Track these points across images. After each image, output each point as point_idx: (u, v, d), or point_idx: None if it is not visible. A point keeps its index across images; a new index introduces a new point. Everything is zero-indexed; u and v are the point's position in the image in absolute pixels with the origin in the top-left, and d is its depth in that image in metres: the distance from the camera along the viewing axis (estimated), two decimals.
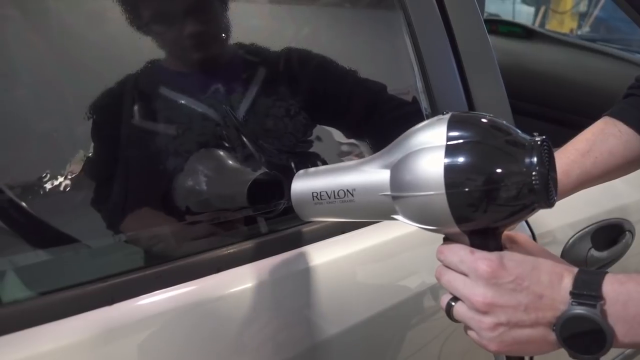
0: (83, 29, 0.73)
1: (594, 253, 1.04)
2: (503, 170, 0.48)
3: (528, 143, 0.49)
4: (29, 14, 0.69)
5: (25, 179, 0.66)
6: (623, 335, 0.48)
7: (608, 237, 1.09)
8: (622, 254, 1.10)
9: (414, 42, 0.90)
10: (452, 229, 0.51)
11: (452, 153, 0.49)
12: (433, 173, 0.49)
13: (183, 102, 0.80)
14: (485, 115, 0.52)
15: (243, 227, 0.79)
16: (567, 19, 5.41)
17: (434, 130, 0.50)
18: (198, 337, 0.65)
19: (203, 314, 0.66)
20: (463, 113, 0.53)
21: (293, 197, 0.60)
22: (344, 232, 0.79)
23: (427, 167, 0.49)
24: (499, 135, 0.50)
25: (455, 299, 0.53)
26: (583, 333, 0.48)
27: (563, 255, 1.00)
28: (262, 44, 0.86)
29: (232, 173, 0.80)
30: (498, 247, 0.53)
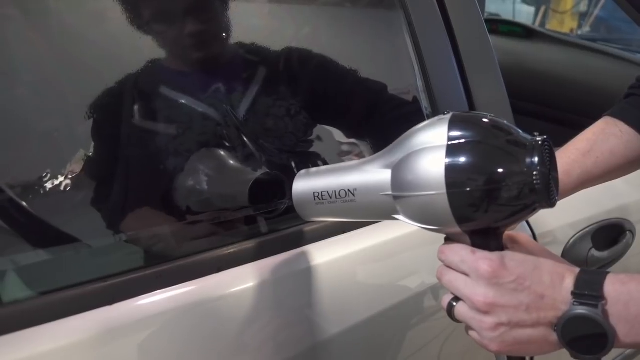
0: (83, 28, 0.73)
1: (595, 253, 1.04)
2: (504, 170, 0.48)
3: (529, 143, 0.49)
4: (30, 13, 0.69)
5: (26, 179, 0.65)
6: (625, 336, 0.48)
7: (609, 237, 1.09)
8: (622, 254, 1.10)
9: (415, 41, 0.90)
10: (453, 229, 0.51)
11: (453, 153, 0.48)
12: (434, 173, 0.49)
13: (183, 101, 0.80)
14: (487, 115, 0.52)
15: (243, 226, 0.79)
16: (567, 19, 5.41)
17: (435, 130, 0.50)
18: (199, 337, 0.65)
19: (204, 314, 0.66)
20: (464, 113, 0.52)
21: (294, 197, 0.60)
22: (345, 231, 0.79)
23: (428, 167, 0.49)
24: (500, 135, 0.50)
25: (457, 299, 0.53)
26: (584, 333, 0.48)
27: (564, 255, 1.00)
28: (262, 44, 0.86)
29: (232, 172, 0.80)
30: (499, 247, 0.53)
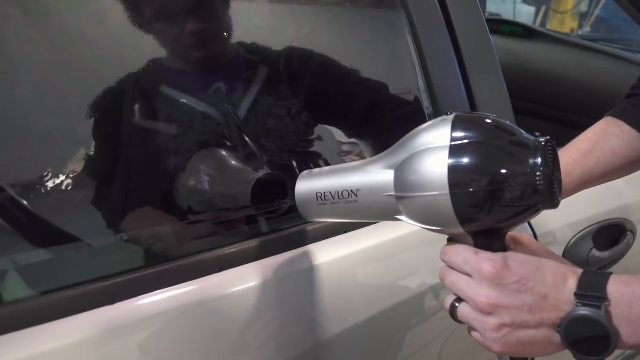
0: (84, 28, 0.73)
1: (596, 253, 1.04)
2: (507, 171, 0.47)
3: (532, 144, 0.49)
4: (31, 13, 0.68)
5: (27, 178, 0.65)
6: (628, 337, 0.48)
7: (610, 237, 1.09)
8: (623, 254, 1.10)
9: (416, 41, 0.90)
10: (456, 230, 0.51)
11: (456, 153, 0.48)
12: (437, 173, 0.49)
13: (184, 101, 0.79)
14: (490, 116, 0.52)
15: (245, 226, 0.78)
16: (567, 19, 5.41)
17: (438, 131, 0.50)
18: (200, 336, 0.64)
19: (205, 314, 0.66)
20: (467, 114, 0.52)
21: (297, 197, 0.60)
22: (346, 231, 0.79)
23: (431, 167, 0.49)
24: (503, 136, 0.49)
25: (459, 300, 0.53)
26: (588, 334, 0.48)
27: (565, 256, 1.00)
28: (263, 43, 0.86)
29: (233, 172, 0.79)
30: (502, 247, 0.53)
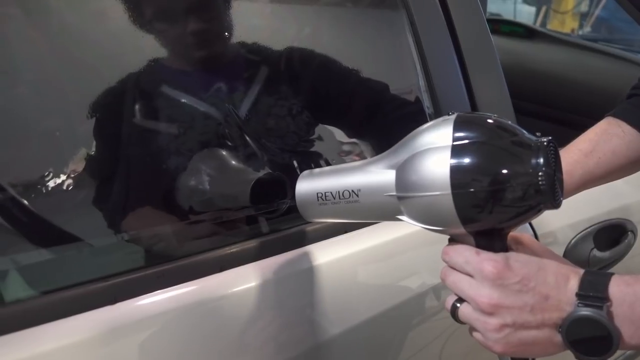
0: (85, 27, 0.73)
1: (597, 253, 1.04)
2: (510, 171, 0.47)
3: (534, 144, 0.49)
4: (31, 12, 0.68)
5: (27, 178, 0.65)
6: (630, 337, 0.48)
7: (610, 237, 1.09)
8: (624, 254, 1.10)
9: (417, 41, 0.90)
10: (457, 230, 0.51)
11: (458, 153, 0.48)
12: (439, 173, 0.49)
13: (185, 100, 0.79)
14: (491, 116, 0.52)
15: (246, 226, 0.78)
16: (568, 19, 5.41)
17: (440, 131, 0.50)
18: (201, 336, 0.64)
19: (206, 313, 0.66)
20: (469, 113, 0.52)
21: (297, 197, 0.59)
22: (346, 231, 0.79)
23: (433, 167, 0.49)
24: (506, 136, 0.49)
25: (461, 300, 0.53)
26: (589, 335, 0.48)
27: (565, 256, 1.00)
28: (264, 43, 0.86)
29: (234, 172, 0.79)
30: (503, 248, 0.53)
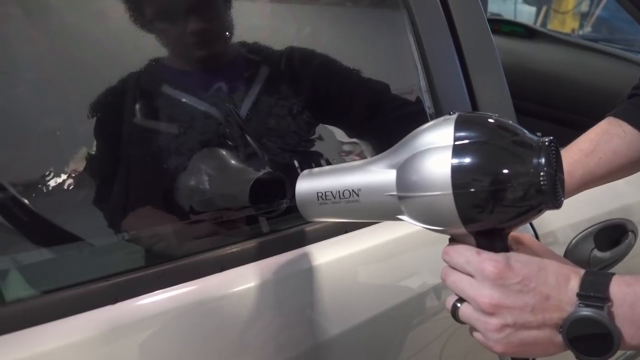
0: (86, 27, 0.73)
1: (597, 253, 1.04)
2: (511, 171, 0.47)
3: (536, 144, 0.49)
4: (32, 12, 0.68)
5: (28, 177, 0.65)
6: (630, 337, 0.48)
7: (611, 237, 1.09)
8: (625, 255, 1.10)
9: (418, 41, 0.90)
10: (458, 230, 0.51)
11: (459, 153, 0.48)
12: (440, 173, 0.48)
13: (186, 100, 0.79)
14: (492, 116, 0.51)
15: (246, 226, 0.78)
16: (568, 19, 5.41)
17: (441, 131, 0.50)
18: (201, 336, 0.64)
19: (206, 313, 0.66)
20: (470, 113, 0.52)
21: (297, 197, 0.59)
22: (347, 231, 0.79)
23: (434, 167, 0.49)
24: (507, 136, 0.49)
25: (461, 300, 0.53)
26: (590, 335, 0.47)
27: (566, 256, 1.00)
28: (265, 43, 0.86)
29: (235, 172, 0.79)
30: (504, 248, 0.53)
